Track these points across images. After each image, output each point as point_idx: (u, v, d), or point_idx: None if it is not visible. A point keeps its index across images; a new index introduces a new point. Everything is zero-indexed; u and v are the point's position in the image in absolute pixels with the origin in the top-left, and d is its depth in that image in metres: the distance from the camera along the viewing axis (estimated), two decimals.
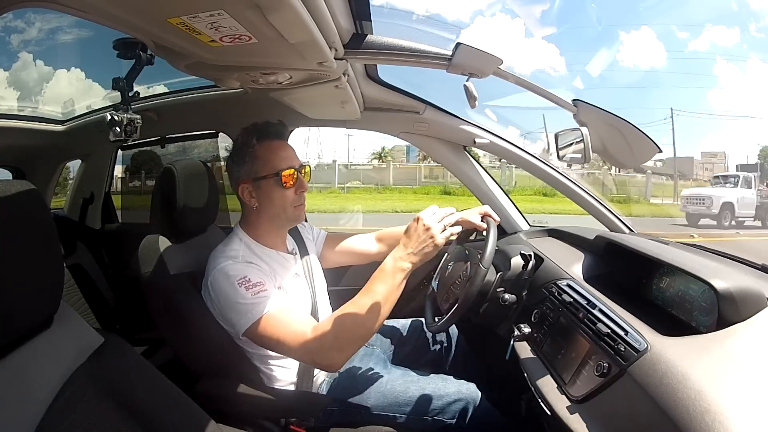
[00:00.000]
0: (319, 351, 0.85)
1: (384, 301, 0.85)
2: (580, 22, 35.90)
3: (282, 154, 1.03)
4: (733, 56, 28.84)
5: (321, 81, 1.08)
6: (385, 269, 0.88)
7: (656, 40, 34.21)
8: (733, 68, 26.74)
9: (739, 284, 0.72)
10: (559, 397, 0.81)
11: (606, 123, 1.10)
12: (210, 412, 0.69)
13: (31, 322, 0.56)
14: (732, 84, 25.90)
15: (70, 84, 9.94)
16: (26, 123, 1.73)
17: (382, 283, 0.86)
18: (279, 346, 0.91)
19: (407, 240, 0.89)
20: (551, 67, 33.27)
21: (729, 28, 29.42)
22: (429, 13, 44.86)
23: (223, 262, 0.95)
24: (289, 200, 1.03)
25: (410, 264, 0.87)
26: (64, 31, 8.64)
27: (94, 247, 1.93)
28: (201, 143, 2.11)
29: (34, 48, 11.78)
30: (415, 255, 0.88)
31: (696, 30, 30.43)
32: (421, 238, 0.88)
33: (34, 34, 9.78)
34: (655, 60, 33.89)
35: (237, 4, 0.61)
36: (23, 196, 0.54)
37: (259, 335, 0.90)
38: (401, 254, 0.88)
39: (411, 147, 19.13)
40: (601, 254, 1.15)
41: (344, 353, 0.86)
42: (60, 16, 3.98)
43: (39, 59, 13.56)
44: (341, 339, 0.85)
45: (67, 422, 0.54)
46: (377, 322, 0.85)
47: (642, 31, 34.84)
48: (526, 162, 1.54)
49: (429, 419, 1.03)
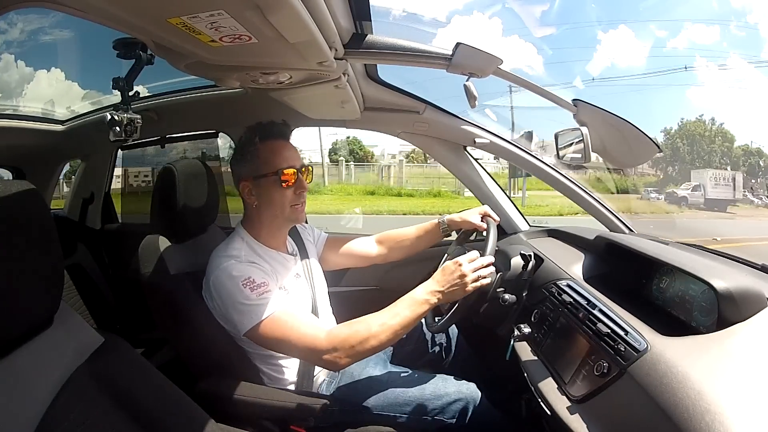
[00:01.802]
0: (329, 352, 0.87)
1: (402, 324, 0.89)
2: (580, 22, 35.96)
3: (284, 153, 1.03)
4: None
5: (321, 81, 1.08)
6: (413, 296, 0.92)
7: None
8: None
9: (739, 284, 0.72)
10: (559, 397, 0.81)
11: (606, 123, 1.10)
12: (210, 412, 0.69)
13: (31, 322, 0.56)
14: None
15: (57, 84, 9.87)
16: (26, 123, 1.72)
17: (407, 308, 0.91)
18: (283, 346, 0.92)
19: (441, 278, 0.93)
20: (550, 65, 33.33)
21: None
22: (431, 17, 44.88)
23: (225, 261, 0.95)
24: (287, 199, 1.03)
25: (436, 300, 0.92)
26: (61, 30, 8.61)
27: (94, 248, 1.93)
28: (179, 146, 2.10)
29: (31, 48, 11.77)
30: (442, 294, 0.92)
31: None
32: (454, 280, 0.92)
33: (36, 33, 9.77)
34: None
35: (237, 4, 0.61)
36: (23, 196, 0.54)
37: (262, 336, 0.91)
38: (431, 288, 0.93)
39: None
40: (601, 254, 1.15)
41: (352, 359, 0.88)
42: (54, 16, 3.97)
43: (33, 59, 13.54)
44: (355, 347, 0.87)
45: (67, 422, 0.54)
46: (391, 341, 0.89)
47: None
48: (526, 162, 1.54)
49: (429, 419, 1.03)
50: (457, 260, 0.94)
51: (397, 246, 1.31)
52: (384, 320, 0.89)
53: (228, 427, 0.72)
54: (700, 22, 30.42)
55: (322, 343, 0.88)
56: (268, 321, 0.90)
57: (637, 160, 1.27)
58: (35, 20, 7.17)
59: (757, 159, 19.35)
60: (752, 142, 20.16)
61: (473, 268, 0.93)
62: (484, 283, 0.94)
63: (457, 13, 48.22)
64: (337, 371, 1.07)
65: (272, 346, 0.94)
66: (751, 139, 21.87)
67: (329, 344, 0.87)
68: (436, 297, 0.92)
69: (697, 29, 30.51)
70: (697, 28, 30.58)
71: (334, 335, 0.89)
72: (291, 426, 0.98)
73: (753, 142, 19.95)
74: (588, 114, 1.11)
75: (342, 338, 0.88)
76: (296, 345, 0.89)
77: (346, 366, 0.89)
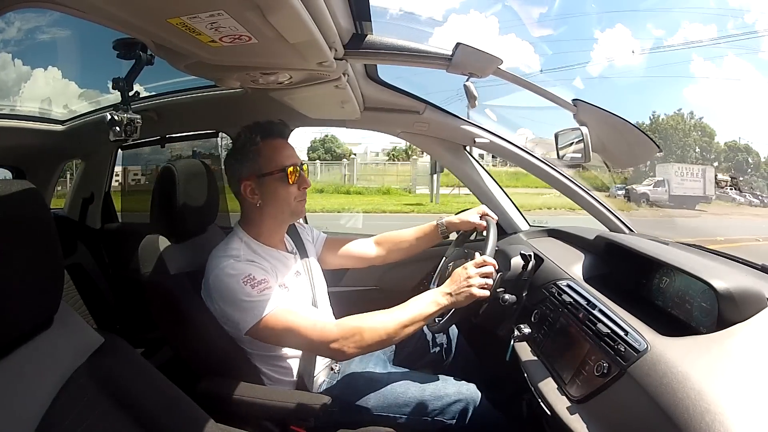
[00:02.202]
0: (338, 341, 0.89)
1: (412, 321, 0.92)
2: (581, 21, 35.93)
3: (285, 152, 1.05)
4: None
5: (321, 81, 1.08)
6: (424, 296, 0.96)
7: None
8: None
9: (739, 284, 0.72)
10: (559, 398, 0.81)
11: (606, 123, 1.10)
12: (210, 412, 0.69)
13: (31, 322, 0.56)
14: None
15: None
16: (26, 123, 1.72)
17: (417, 306, 0.94)
18: (288, 338, 0.93)
19: (451, 281, 0.97)
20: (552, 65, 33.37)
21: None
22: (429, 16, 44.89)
23: (224, 261, 0.95)
24: (293, 195, 1.05)
25: (446, 302, 0.94)
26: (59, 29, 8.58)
27: (94, 247, 1.93)
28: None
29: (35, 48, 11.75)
30: (452, 296, 0.95)
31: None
32: (461, 284, 0.95)
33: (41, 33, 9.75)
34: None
35: (237, 5, 0.61)
36: (23, 196, 0.54)
37: (265, 332, 0.92)
38: (443, 290, 0.96)
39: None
40: (601, 254, 1.15)
41: (359, 349, 0.90)
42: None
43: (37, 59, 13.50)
44: (364, 337, 0.89)
45: (67, 422, 0.54)
46: (398, 336, 0.91)
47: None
48: (526, 162, 1.54)
49: (429, 420, 1.03)
50: (467, 264, 0.97)
51: (396, 248, 1.31)
52: (394, 315, 0.92)
53: (228, 427, 0.72)
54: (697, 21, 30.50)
55: (332, 332, 0.90)
56: (270, 317, 0.91)
57: (637, 159, 1.27)
58: (33, 19, 7.16)
59: (745, 155, 19.26)
60: (740, 138, 20.10)
61: (482, 273, 0.95)
62: (489, 286, 0.95)
63: (454, 12, 48.23)
64: (343, 360, 1.10)
65: (276, 341, 0.95)
66: (739, 135, 21.80)
67: (339, 333, 0.90)
68: (446, 299, 0.94)
69: (694, 27, 30.62)
70: (694, 26, 30.69)
71: (344, 324, 0.91)
72: (291, 426, 0.98)
73: (741, 138, 19.89)
74: (588, 114, 1.11)
75: (351, 327, 0.90)
76: (304, 336, 0.91)
77: (352, 356, 0.91)
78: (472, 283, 0.93)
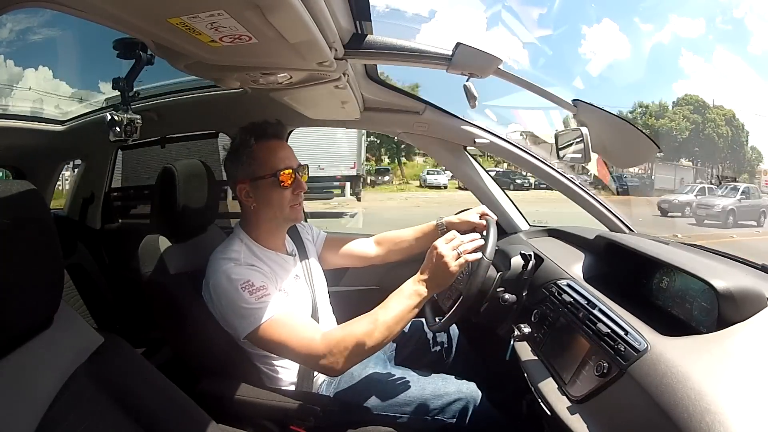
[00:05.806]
0: (326, 357, 0.87)
1: (397, 320, 0.88)
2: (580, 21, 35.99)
3: (280, 154, 1.03)
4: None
5: (321, 81, 1.08)
6: (402, 290, 0.91)
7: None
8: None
9: (739, 284, 0.72)
10: (559, 397, 0.81)
11: (606, 123, 1.10)
12: (210, 412, 0.69)
13: (31, 322, 0.56)
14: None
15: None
16: (26, 123, 1.72)
17: (398, 302, 0.90)
18: (282, 350, 0.91)
19: (424, 267, 0.92)
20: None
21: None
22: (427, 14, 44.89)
23: (224, 264, 0.95)
24: (286, 200, 1.02)
25: (426, 290, 0.90)
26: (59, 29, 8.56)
27: (94, 247, 1.92)
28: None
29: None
30: (430, 281, 0.90)
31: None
32: (435, 265, 0.90)
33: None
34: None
35: (237, 4, 0.61)
36: (23, 196, 0.54)
37: (262, 339, 0.91)
38: (419, 278, 0.91)
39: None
40: (601, 254, 1.15)
41: (350, 362, 0.88)
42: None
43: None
44: (351, 348, 0.86)
45: (67, 422, 0.54)
46: (387, 338, 0.88)
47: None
48: (526, 162, 1.54)
49: (429, 419, 1.03)
50: (434, 243, 0.92)
51: (396, 247, 1.31)
52: (376, 317, 0.88)
53: (228, 427, 0.73)
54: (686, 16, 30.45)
55: (318, 348, 0.87)
56: (266, 325, 0.89)
57: (637, 159, 1.27)
58: (24, 20, 7.15)
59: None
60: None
61: (452, 247, 0.91)
62: (469, 259, 0.91)
63: (454, 12, 48.22)
64: (338, 375, 1.06)
65: (272, 349, 0.94)
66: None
67: (325, 348, 0.87)
68: (425, 286, 0.90)
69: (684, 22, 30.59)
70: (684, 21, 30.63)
71: (328, 338, 0.88)
72: (291, 426, 0.98)
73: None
74: (588, 114, 1.11)
75: (336, 340, 0.87)
76: (294, 350, 0.89)
77: (344, 370, 0.89)
78: (447, 261, 0.89)
